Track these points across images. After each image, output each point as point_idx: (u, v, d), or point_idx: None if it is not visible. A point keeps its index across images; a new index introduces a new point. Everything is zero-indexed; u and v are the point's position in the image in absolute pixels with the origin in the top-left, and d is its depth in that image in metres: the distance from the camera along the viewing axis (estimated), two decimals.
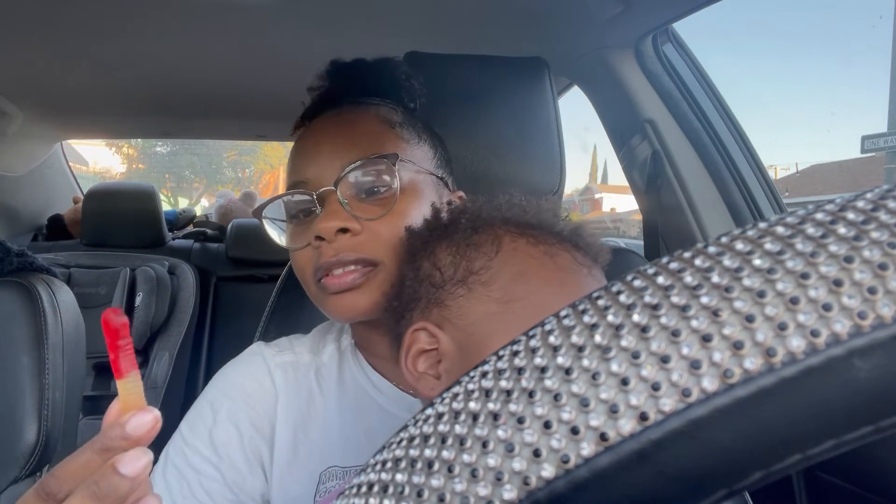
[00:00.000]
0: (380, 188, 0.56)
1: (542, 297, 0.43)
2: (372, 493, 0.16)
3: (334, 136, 0.59)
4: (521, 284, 0.44)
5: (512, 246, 0.45)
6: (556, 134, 0.82)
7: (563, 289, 0.44)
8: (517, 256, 0.45)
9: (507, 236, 0.46)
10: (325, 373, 0.60)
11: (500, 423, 0.15)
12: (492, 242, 0.46)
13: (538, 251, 0.45)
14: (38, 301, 0.81)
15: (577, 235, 0.48)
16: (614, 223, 20.94)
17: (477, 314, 0.44)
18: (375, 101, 0.62)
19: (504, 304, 0.43)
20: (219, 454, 0.54)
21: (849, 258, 0.14)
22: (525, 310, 0.43)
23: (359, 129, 0.58)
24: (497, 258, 0.45)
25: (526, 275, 0.44)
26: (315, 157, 0.58)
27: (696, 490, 0.14)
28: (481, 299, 0.44)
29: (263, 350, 0.61)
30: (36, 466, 0.78)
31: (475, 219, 0.48)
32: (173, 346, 1.88)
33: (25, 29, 1.14)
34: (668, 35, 1.11)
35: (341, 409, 0.57)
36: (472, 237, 0.46)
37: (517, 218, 0.48)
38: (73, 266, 1.90)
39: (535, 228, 0.47)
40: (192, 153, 15.94)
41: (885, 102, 12.74)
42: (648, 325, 0.15)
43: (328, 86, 0.64)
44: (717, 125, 1.10)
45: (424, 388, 0.45)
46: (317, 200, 0.55)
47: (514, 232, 0.46)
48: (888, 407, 0.13)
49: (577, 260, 0.46)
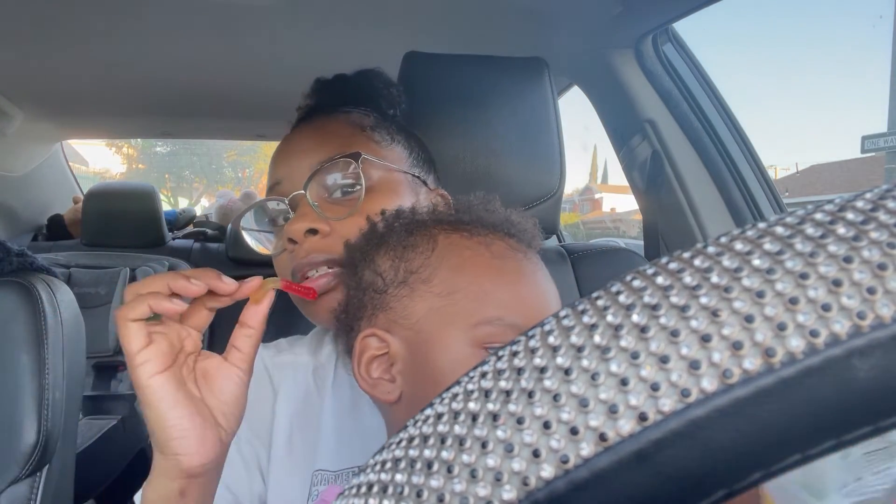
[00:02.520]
0: (348, 188, 0.57)
1: (482, 284, 0.45)
2: (371, 494, 0.16)
3: (303, 141, 0.60)
4: (460, 276, 0.45)
5: (447, 241, 0.47)
6: (556, 134, 0.82)
7: (502, 275, 0.45)
8: (453, 250, 0.46)
9: (442, 233, 0.47)
10: (323, 373, 0.60)
11: (500, 424, 0.15)
12: (427, 241, 0.47)
13: (473, 242, 0.46)
14: (38, 301, 0.81)
15: (509, 224, 0.49)
16: (614, 223, 20.97)
17: (421, 311, 0.45)
18: (347, 109, 0.64)
19: (446, 297, 0.44)
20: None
21: (848, 258, 0.14)
22: (467, 299, 0.44)
23: (327, 133, 0.60)
24: (434, 254, 0.46)
25: (463, 266, 0.45)
26: (286, 160, 0.60)
27: (696, 490, 0.14)
28: (424, 296, 0.45)
29: (261, 351, 0.61)
30: (36, 466, 0.78)
31: (409, 222, 0.49)
32: None
33: (25, 29, 1.14)
34: (668, 35, 1.11)
35: (337, 409, 0.57)
36: (408, 239, 0.47)
37: (448, 216, 0.49)
38: (73, 266, 1.90)
39: (467, 223, 0.48)
40: (192, 153, 15.95)
41: (885, 102, 12.75)
42: (648, 326, 0.15)
43: (312, 102, 0.67)
44: (717, 125, 1.10)
45: (381, 393, 0.45)
46: (289, 205, 0.57)
47: (447, 228, 0.47)
48: (887, 407, 0.13)
49: (512, 246, 0.47)
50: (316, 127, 0.61)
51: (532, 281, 0.46)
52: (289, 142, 0.62)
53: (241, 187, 13.10)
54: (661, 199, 1.12)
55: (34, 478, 0.80)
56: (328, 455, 0.55)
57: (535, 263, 0.48)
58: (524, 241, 0.49)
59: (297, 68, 1.39)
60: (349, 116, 0.62)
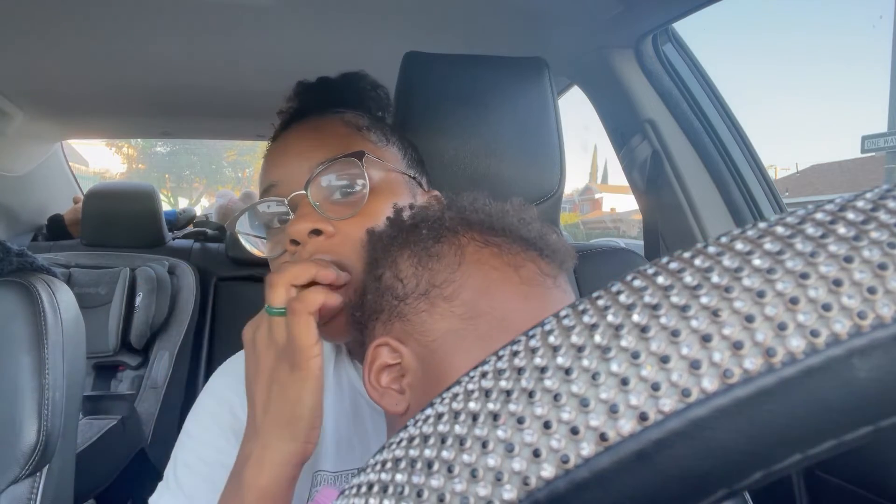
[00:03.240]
0: (350, 188, 0.56)
1: (505, 312, 0.42)
2: (372, 494, 0.16)
3: (300, 141, 0.59)
4: (485, 299, 0.43)
5: (475, 257, 0.44)
6: (556, 134, 0.82)
7: (527, 302, 0.43)
8: (481, 269, 0.44)
9: (471, 245, 0.45)
10: (322, 374, 0.59)
11: (500, 424, 0.15)
12: (455, 253, 0.44)
13: (502, 262, 0.44)
14: (38, 301, 0.81)
15: (543, 241, 0.46)
16: (614, 223, 20.98)
17: (439, 331, 0.43)
18: (340, 110, 0.63)
19: (467, 321, 0.42)
20: (231, 445, 0.53)
21: (848, 258, 0.14)
22: (488, 325, 0.42)
23: (324, 133, 0.59)
24: (459, 270, 0.44)
25: (489, 289, 0.43)
26: (283, 161, 0.58)
27: (697, 490, 0.14)
28: (444, 315, 0.43)
29: None
30: (36, 466, 0.78)
31: (438, 226, 0.46)
32: (173, 346, 1.88)
33: (25, 29, 1.14)
34: (668, 35, 1.11)
35: (336, 410, 0.57)
36: (434, 247, 0.45)
37: (480, 224, 0.46)
38: (73, 266, 1.90)
39: (499, 235, 0.45)
40: (192, 153, 15.95)
41: (885, 102, 12.75)
42: (648, 325, 0.15)
43: (296, 104, 0.66)
44: (717, 125, 1.10)
45: (388, 403, 0.44)
46: (289, 206, 0.56)
47: (477, 241, 0.45)
48: (888, 407, 0.13)
49: (542, 270, 0.44)
50: (311, 127, 0.60)
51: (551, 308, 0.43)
52: (284, 143, 0.60)
53: (241, 187, 13.09)
54: (661, 199, 1.12)
55: (34, 478, 0.80)
56: (328, 457, 0.55)
57: (563, 291, 0.45)
58: (556, 261, 0.46)
59: (297, 68, 1.38)
60: (344, 117, 0.62)
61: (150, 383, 1.82)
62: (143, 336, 1.84)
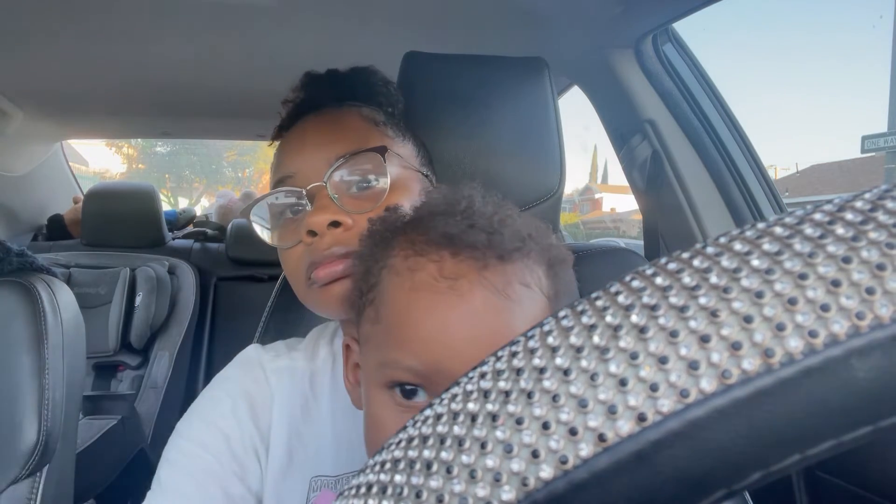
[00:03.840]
0: (369, 182, 0.56)
1: (391, 321, 0.41)
2: (371, 495, 0.16)
3: (318, 133, 0.59)
4: (383, 307, 0.42)
5: (394, 261, 0.42)
6: (556, 134, 0.82)
7: (410, 312, 0.40)
8: (390, 273, 0.42)
9: (398, 247, 0.43)
10: (320, 378, 0.59)
11: (499, 424, 0.15)
12: (385, 256, 0.43)
13: (405, 266, 0.41)
14: (38, 301, 0.81)
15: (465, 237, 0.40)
16: (614, 223, 20.97)
17: (364, 333, 0.44)
18: (356, 104, 0.63)
19: (372, 326, 0.43)
20: (221, 444, 0.53)
21: (847, 259, 0.14)
22: (381, 335, 0.41)
23: (344, 126, 0.59)
24: (381, 274, 0.43)
25: (385, 297, 0.42)
26: (300, 152, 0.58)
27: (695, 490, 0.14)
28: (367, 318, 0.43)
29: (261, 355, 0.60)
30: (36, 466, 0.78)
31: (389, 227, 0.45)
32: (173, 346, 1.88)
33: (26, 29, 1.14)
34: (668, 35, 1.11)
35: (334, 414, 0.57)
36: (375, 249, 0.45)
37: (417, 222, 0.44)
38: (73, 266, 1.90)
39: (422, 234, 0.42)
40: (192, 153, 15.96)
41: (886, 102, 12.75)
42: (647, 326, 0.15)
43: (305, 95, 0.65)
44: (717, 125, 1.10)
45: (354, 399, 0.45)
46: (306, 197, 0.55)
47: (404, 242, 0.43)
48: (886, 407, 0.13)
49: (444, 272, 0.40)
50: (329, 120, 0.60)
51: (443, 321, 0.38)
52: (300, 134, 0.60)
53: (241, 187, 13.10)
54: (661, 199, 1.12)
55: (34, 478, 0.80)
56: (328, 461, 0.55)
57: (460, 296, 0.38)
58: (478, 259, 0.40)
59: (298, 68, 1.38)
60: (361, 111, 0.61)
61: (150, 383, 1.82)
62: (143, 336, 1.84)
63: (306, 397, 0.58)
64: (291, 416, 0.56)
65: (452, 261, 0.40)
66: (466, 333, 0.38)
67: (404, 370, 0.39)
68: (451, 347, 0.38)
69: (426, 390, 0.39)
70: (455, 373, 0.36)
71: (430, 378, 0.38)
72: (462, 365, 0.36)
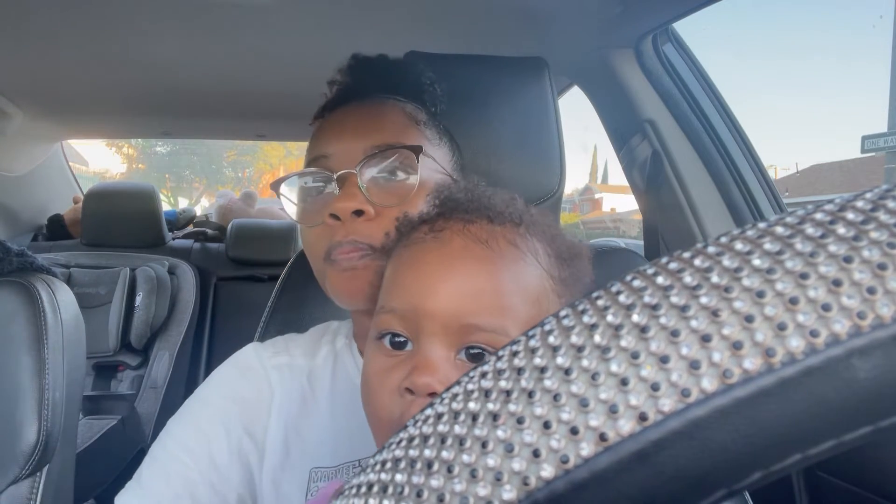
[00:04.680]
0: (400, 178, 0.56)
1: (387, 273, 0.45)
2: (371, 494, 0.16)
3: (359, 120, 0.59)
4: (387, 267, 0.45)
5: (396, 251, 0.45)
6: (556, 134, 0.82)
7: (397, 261, 0.44)
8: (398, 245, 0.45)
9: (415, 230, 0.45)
10: (319, 375, 0.60)
11: (500, 424, 0.15)
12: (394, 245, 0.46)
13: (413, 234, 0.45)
14: (38, 301, 0.81)
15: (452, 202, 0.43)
16: (614, 223, 20.97)
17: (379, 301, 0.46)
18: (401, 99, 0.63)
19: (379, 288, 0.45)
20: (203, 449, 0.54)
21: (848, 258, 0.14)
22: (381, 290, 0.44)
23: (385, 118, 0.59)
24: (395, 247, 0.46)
25: (391, 259, 0.45)
26: (339, 135, 0.59)
27: (696, 490, 0.14)
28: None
29: (259, 351, 0.61)
30: (36, 466, 0.78)
31: (408, 223, 0.48)
32: (173, 346, 1.88)
33: (26, 29, 1.14)
34: (668, 35, 1.11)
35: (333, 410, 0.57)
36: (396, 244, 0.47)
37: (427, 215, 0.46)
38: (73, 266, 1.90)
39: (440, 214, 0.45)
40: (192, 153, 15.96)
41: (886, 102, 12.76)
42: (648, 326, 0.15)
43: (351, 80, 0.65)
44: (717, 125, 1.10)
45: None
46: (336, 181, 0.56)
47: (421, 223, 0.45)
48: (887, 407, 0.13)
49: (434, 229, 0.43)
50: (372, 110, 0.60)
51: (422, 261, 0.41)
52: (341, 118, 0.60)
53: (241, 187, 13.10)
54: (661, 199, 1.12)
55: (34, 478, 0.80)
56: (326, 454, 0.55)
57: (441, 242, 0.41)
58: (482, 214, 0.42)
59: (297, 68, 1.39)
60: (405, 107, 0.62)
61: (150, 383, 1.82)
62: (143, 336, 1.84)
63: (304, 394, 0.58)
64: (290, 411, 0.57)
65: (442, 219, 0.43)
66: (441, 274, 0.40)
67: (389, 314, 0.41)
68: (428, 287, 0.39)
69: (410, 340, 0.40)
70: (431, 314, 0.38)
71: (410, 322, 0.40)
72: (438, 307, 0.38)
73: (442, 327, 0.38)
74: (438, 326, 0.38)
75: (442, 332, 0.38)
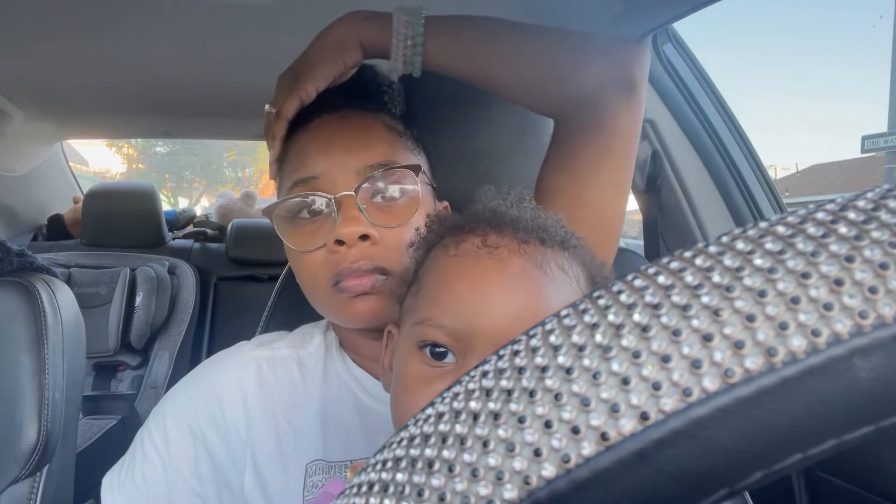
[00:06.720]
0: (399, 197, 0.56)
1: (430, 283, 0.44)
2: (372, 493, 0.16)
3: (347, 138, 0.58)
4: (426, 276, 0.45)
5: (442, 243, 0.45)
6: None
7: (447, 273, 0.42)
8: (437, 252, 0.45)
9: (449, 236, 0.45)
10: (311, 363, 0.60)
11: (501, 423, 0.15)
12: (435, 244, 0.46)
13: (452, 241, 0.44)
14: (38, 301, 0.81)
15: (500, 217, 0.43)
16: None
17: (405, 307, 0.46)
18: (375, 108, 0.62)
19: (414, 296, 0.45)
20: (168, 448, 0.55)
21: (850, 258, 0.14)
22: (420, 297, 0.44)
23: (371, 134, 0.58)
24: (428, 255, 0.46)
25: (429, 265, 0.45)
26: (327, 155, 0.57)
27: (697, 489, 0.14)
28: (410, 294, 0.46)
29: (242, 348, 0.61)
30: (36, 466, 0.78)
31: (439, 226, 0.48)
32: (173, 346, 1.88)
33: (25, 29, 1.14)
34: (668, 35, 1.11)
35: (324, 401, 0.57)
36: (430, 238, 0.47)
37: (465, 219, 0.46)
38: (73, 266, 1.90)
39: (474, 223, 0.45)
40: (192, 153, 15.95)
41: (886, 102, 12.76)
42: (649, 325, 0.15)
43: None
44: (717, 125, 1.10)
45: (385, 383, 0.47)
46: (334, 205, 0.54)
47: (458, 230, 0.45)
48: (889, 407, 0.13)
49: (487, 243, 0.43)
50: (357, 126, 0.59)
51: (479, 281, 0.40)
52: (327, 136, 0.58)
53: (241, 187, 13.08)
54: (661, 199, 1.12)
55: (34, 478, 0.80)
56: (318, 446, 0.55)
57: (498, 261, 0.40)
58: (515, 235, 0.42)
59: None
60: (384, 119, 0.61)
61: (150, 383, 1.82)
62: (143, 336, 1.84)
63: (293, 382, 0.58)
64: (277, 402, 0.57)
65: (496, 233, 0.42)
66: (501, 296, 0.39)
67: (436, 328, 0.40)
68: (484, 308, 0.39)
69: (455, 353, 0.40)
70: (486, 334, 0.38)
71: (460, 338, 0.39)
72: (493, 327, 0.38)
73: (493, 347, 0.38)
74: (490, 346, 0.38)
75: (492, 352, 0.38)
